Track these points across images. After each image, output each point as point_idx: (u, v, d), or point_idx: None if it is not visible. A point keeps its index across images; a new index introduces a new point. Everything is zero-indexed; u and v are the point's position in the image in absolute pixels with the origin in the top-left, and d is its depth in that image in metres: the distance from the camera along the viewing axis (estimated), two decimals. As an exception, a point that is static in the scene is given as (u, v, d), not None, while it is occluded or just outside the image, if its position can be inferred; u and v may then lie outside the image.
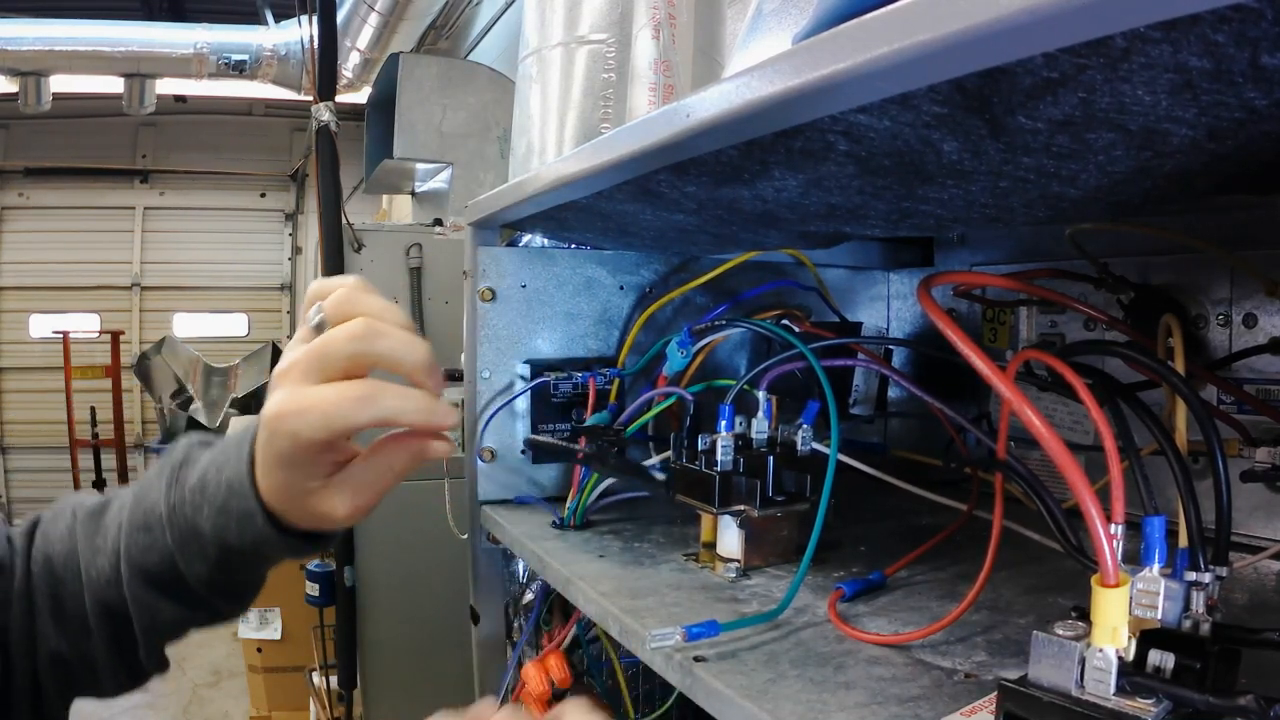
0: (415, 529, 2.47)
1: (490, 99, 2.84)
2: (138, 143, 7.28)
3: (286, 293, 7.63)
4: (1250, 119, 0.32)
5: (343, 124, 2.53)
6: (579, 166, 0.56)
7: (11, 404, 7.10)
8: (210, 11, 5.55)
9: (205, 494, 0.57)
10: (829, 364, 0.65)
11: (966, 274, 0.87)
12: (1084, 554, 0.48)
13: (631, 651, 0.54)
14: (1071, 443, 0.53)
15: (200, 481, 0.57)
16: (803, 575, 0.54)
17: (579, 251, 0.86)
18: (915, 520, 0.77)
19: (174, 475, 0.59)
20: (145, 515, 0.58)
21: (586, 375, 0.81)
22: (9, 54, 4.72)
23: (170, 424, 5.39)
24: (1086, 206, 0.54)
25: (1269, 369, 0.66)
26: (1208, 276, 0.70)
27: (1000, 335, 0.89)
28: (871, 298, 1.04)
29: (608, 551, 0.69)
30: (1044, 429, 0.36)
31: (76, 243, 7.20)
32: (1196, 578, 0.36)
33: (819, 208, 0.56)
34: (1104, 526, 0.33)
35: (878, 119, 0.36)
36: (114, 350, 5.86)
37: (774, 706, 0.41)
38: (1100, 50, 0.27)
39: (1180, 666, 0.33)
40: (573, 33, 0.77)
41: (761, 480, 0.60)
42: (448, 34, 4.36)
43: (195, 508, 0.57)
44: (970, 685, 0.44)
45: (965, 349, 0.41)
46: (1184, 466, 0.42)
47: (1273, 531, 0.66)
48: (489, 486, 0.84)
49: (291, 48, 4.91)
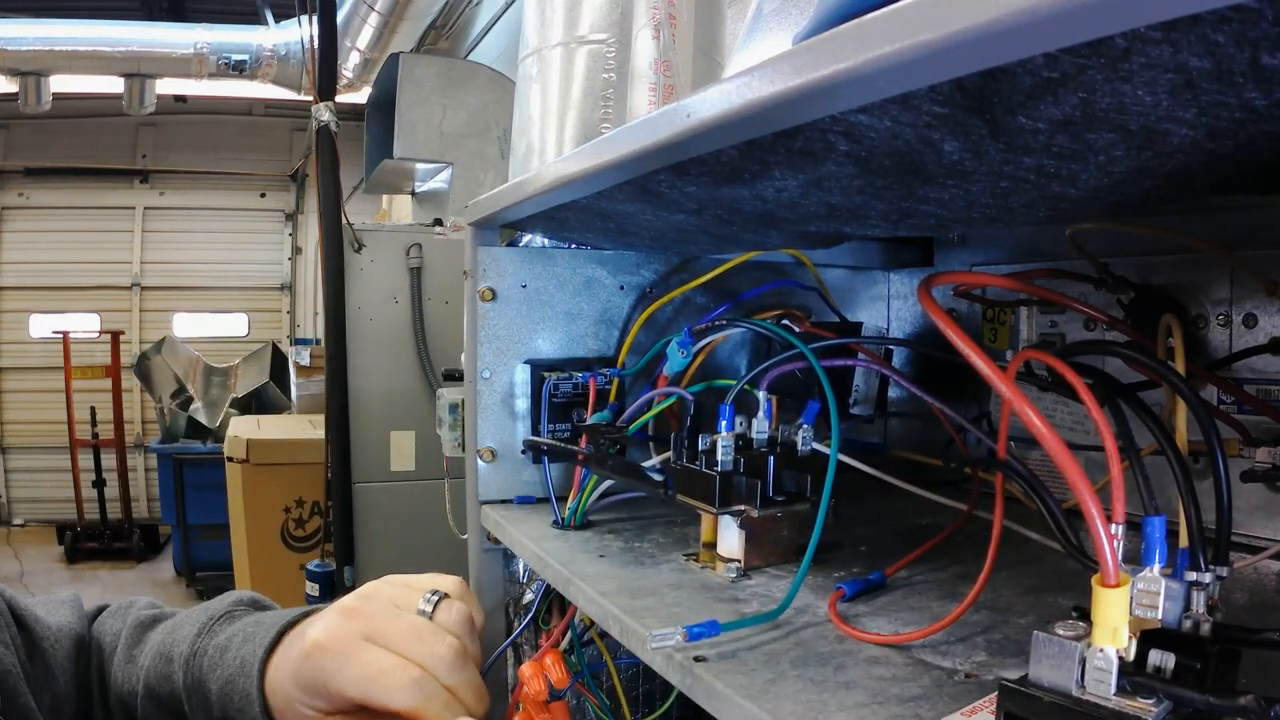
0: (415, 529, 2.48)
1: (490, 99, 2.84)
2: (138, 143, 7.28)
3: (286, 293, 7.62)
4: (1250, 119, 0.32)
5: (343, 124, 2.53)
6: (579, 166, 0.56)
7: (11, 404, 7.09)
8: (210, 11, 5.55)
9: (223, 658, 0.59)
10: (829, 364, 0.65)
11: (966, 274, 0.87)
12: (1084, 554, 0.48)
13: (632, 652, 0.54)
14: (1071, 443, 0.53)
15: (225, 642, 0.59)
16: (803, 575, 0.54)
17: (579, 251, 0.86)
18: (915, 520, 0.77)
19: (210, 623, 0.61)
20: (170, 647, 0.61)
21: (587, 375, 0.81)
22: (9, 54, 4.72)
23: (170, 424, 5.39)
24: (1086, 206, 0.54)
25: (1269, 369, 0.66)
26: (1208, 276, 0.70)
27: (1000, 335, 0.89)
28: (871, 298, 1.04)
29: (608, 551, 0.69)
30: (1044, 429, 0.36)
31: (76, 243, 7.19)
32: (1197, 578, 0.36)
33: (819, 208, 0.56)
34: (1104, 526, 0.33)
35: (878, 119, 0.36)
36: (114, 350, 5.86)
37: (774, 706, 0.41)
38: (1100, 50, 0.27)
39: (1180, 666, 0.33)
40: (573, 33, 0.77)
41: (762, 480, 0.60)
42: (448, 34, 4.36)
43: (211, 666, 0.59)
44: (970, 685, 0.44)
45: (965, 349, 0.41)
46: (1184, 466, 0.42)
47: (1273, 531, 0.66)
48: (489, 486, 0.84)
49: (291, 48, 4.91)
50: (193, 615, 0.63)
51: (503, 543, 0.80)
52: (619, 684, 0.79)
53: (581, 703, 0.81)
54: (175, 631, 0.62)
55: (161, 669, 0.60)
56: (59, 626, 0.62)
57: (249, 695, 0.56)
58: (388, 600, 0.55)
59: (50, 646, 0.61)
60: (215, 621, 0.61)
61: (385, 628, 0.53)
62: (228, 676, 0.57)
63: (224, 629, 0.60)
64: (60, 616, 0.64)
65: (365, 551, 2.48)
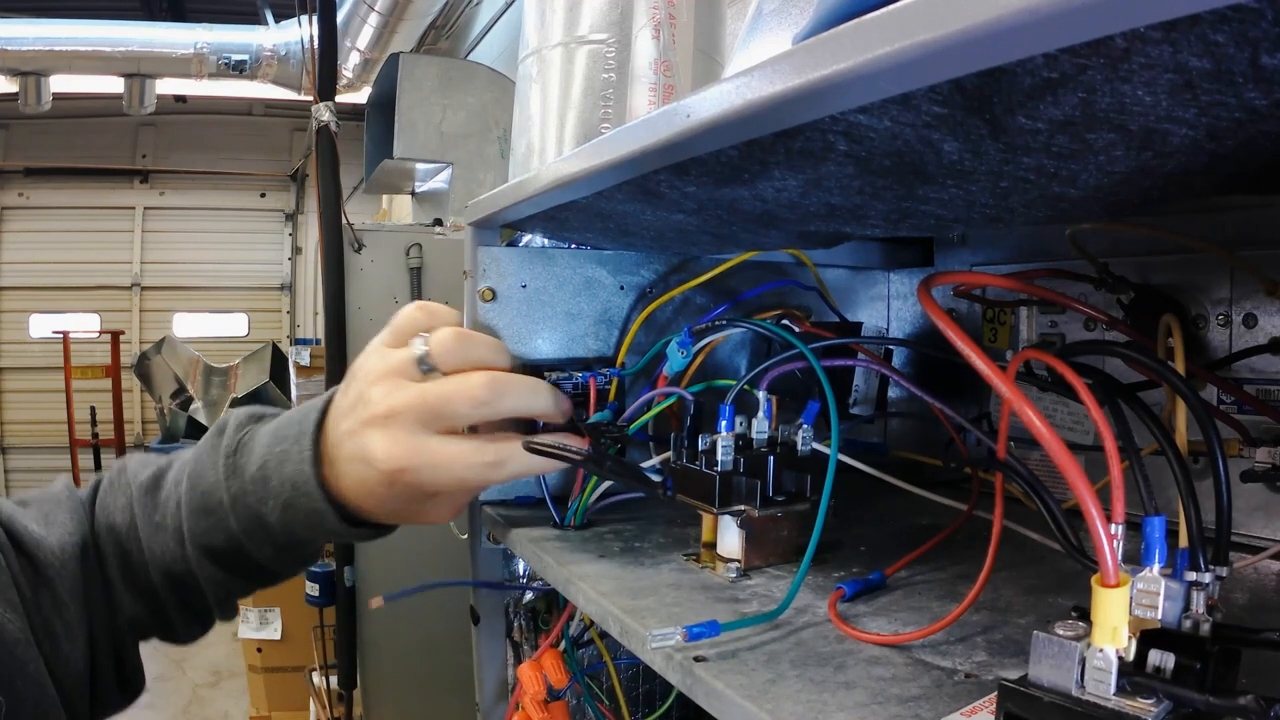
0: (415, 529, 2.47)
1: (490, 99, 2.85)
2: (138, 143, 7.29)
3: (286, 293, 7.63)
4: (1250, 119, 0.32)
5: (343, 124, 2.53)
6: (579, 166, 0.56)
7: (11, 404, 7.10)
8: (210, 11, 5.55)
9: (268, 487, 0.57)
10: (829, 364, 0.65)
11: (966, 274, 0.87)
12: (1084, 554, 0.48)
13: (632, 651, 0.54)
14: (1071, 443, 0.53)
15: (261, 473, 0.58)
16: (803, 575, 0.54)
17: (579, 251, 0.86)
18: (915, 520, 0.77)
19: (230, 463, 0.59)
20: (204, 499, 0.59)
21: (587, 375, 0.81)
22: (9, 54, 4.72)
23: (170, 424, 5.40)
24: (1086, 206, 0.54)
25: (1269, 369, 0.66)
26: (1208, 276, 0.70)
27: (1000, 335, 0.89)
28: (871, 298, 1.04)
29: (608, 551, 0.69)
30: (1044, 429, 0.36)
31: (76, 243, 7.20)
32: (1196, 578, 0.36)
33: (819, 208, 0.56)
34: (1104, 526, 0.33)
35: (878, 119, 0.36)
36: (114, 350, 5.87)
37: (774, 706, 0.41)
38: (1100, 50, 0.27)
39: (1180, 666, 0.33)
40: (573, 33, 0.77)
41: (762, 480, 0.60)
42: (448, 34, 4.36)
43: (259, 499, 0.57)
44: (970, 685, 0.44)
45: (965, 349, 0.41)
46: (1184, 466, 0.42)
47: (1273, 531, 0.66)
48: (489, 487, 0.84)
49: (291, 48, 4.91)
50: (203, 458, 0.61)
51: (503, 543, 0.80)
52: (618, 684, 0.79)
53: (581, 702, 0.81)
54: (198, 483, 0.59)
55: (205, 524, 0.58)
56: (62, 546, 0.59)
57: (317, 511, 0.56)
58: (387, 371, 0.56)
59: (56, 573, 0.57)
60: (234, 457, 0.59)
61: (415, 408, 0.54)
62: (284, 503, 0.56)
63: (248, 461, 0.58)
64: (61, 529, 0.60)
65: (365, 551, 2.47)
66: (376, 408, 0.55)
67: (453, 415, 0.54)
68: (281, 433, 0.59)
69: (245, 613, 3.22)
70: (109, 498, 0.63)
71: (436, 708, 2.37)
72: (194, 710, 3.92)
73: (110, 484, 0.65)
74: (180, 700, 3.98)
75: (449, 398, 0.54)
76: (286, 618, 3.19)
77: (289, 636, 3.19)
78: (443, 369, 0.56)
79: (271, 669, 3.25)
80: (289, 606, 3.11)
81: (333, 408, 0.58)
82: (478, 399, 0.54)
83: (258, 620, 3.22)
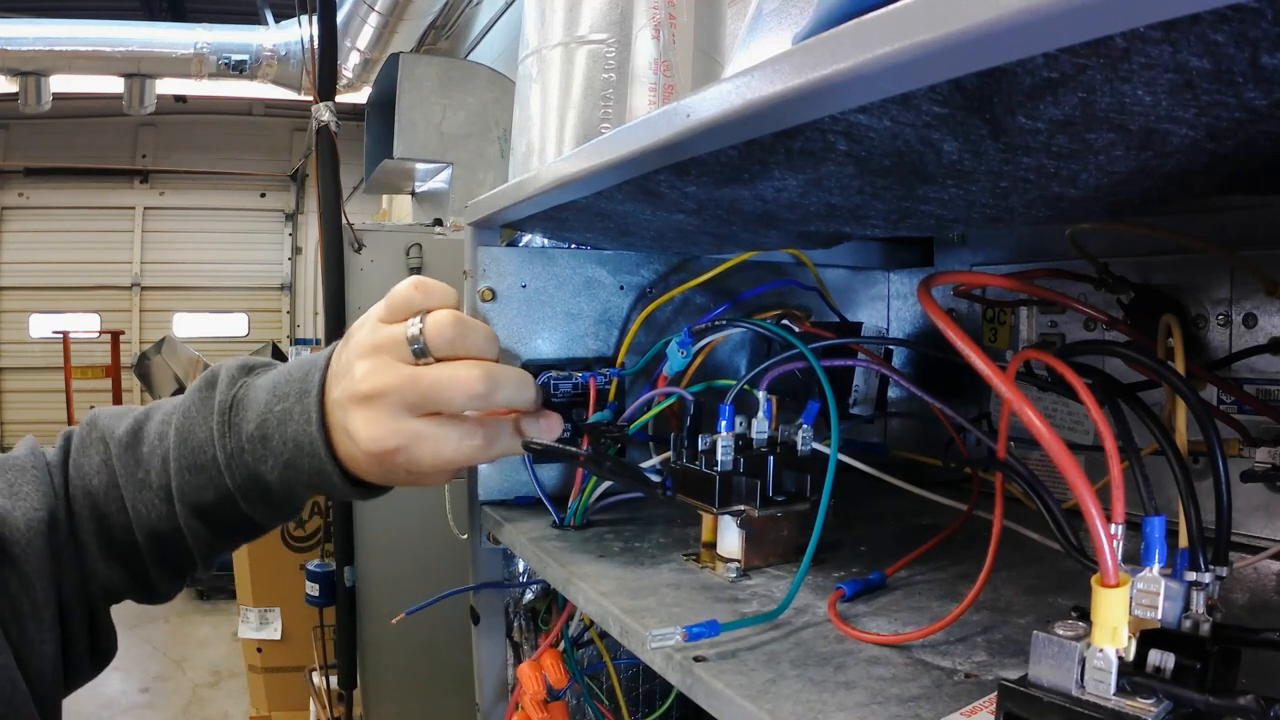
0: (415, 529, 2.47)
1: (490, 99, 2.85)
2: (138, 143, 7.29)
3: (286, 293, 7.63)
4: (1250, 119, 0.32)
5: (343, 124, 2.53)
6: (579, 166, 0.56)
7: (11, 404, 7.10)
8: (210, 11, 5.56)
9: (268, 446, 0.56)
10: (829, 364, 0.65)
11: (966, 274, 0.87)
12: (1084, 554, 0.48)
13: (632, 651, 0.54)
14: (1071, 443, 0.53)
15: (260, 431, 0.56)
16: (803, 575, 0.54)
17: (579, 251, 0.86)
18: (915, 520, 0.77)
19: (225, 419, 0.58)
20: (195, 455, 0.58)
21: (586, 375, 0.81)
22: (9, 54, 4.73)
23: (170, 424, 5.40)
24: (1086, 206, 0.54)
25: (1269, 369, 0.66)
26: (1208, 276, 0.70)
27: (1000, 335, 0.89)
28: (871, 298, 1.04)
29: (608, 551, 0.69)
30: (1044, 429, 0.36)
31: (76, 243, 7.20)
32: (1196, 578, 0.36)
33: (819, 208, 0.56)
34: (1104, 526, 0.33)
35: (878, 119, 0.36)
36: (114, 350, 5.87)
37: (774, 706, 0.41)
38: (1100, 50, 0.27)
39: (1180, 666, 0.33)
40: (573, 33, 0.76)
41: (761, 480, 0.60)
42: (448, 34, 4.36)
43: (258, 458, 0.57)
44: (970, 685, 0.44)
45: (965, 349, 0.41)
46: (1184, 466, 0.42)
47: (1273, 531, 0.66)
48: (489, 486, 0.84)
49: (291, 48, 4.91)
50: (191, 412, 0.58)
51: (503, 543, 0.80)
52: (618, 684, 0.79)
53: (581, 702, 0.81)
54: (188, 438, 0.58)
55: (197, 481, 0.57)
56: (29, 522, 0.55)
57: (322, 472, 0.55)
58: (380, 345, 0.55)
59: (22, 551, 0.54)
60: (229, 414, 0.58)
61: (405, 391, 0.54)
62: (285, 462, 0.56)
63: (245, 418, 0.57)
64: (27, 503, 0.56)
65: (365, 551, 2.47)
66: (360, 385, 0.54)
67: (447, 403, 0.54)
68: (280, 390, 0.57)
69: (245, 613, 3.22)
70: (82, 457, 0.60)
71: (436, 707, 2.37)
72: (194, 710, 3.92)
73: (82, 440, 0.61)
74: (180, 700, 3.98)
75: (444, 386, 0.54)
76: (286, 618, 3.19)
77: (289, 636, 3.19)
78: (435, 354, 0.55)
79: (271, 669, 3.24)
80: (289, 606, 3.11)
81: (330, 369, 0.57)
82: (474, 392, 0.54)
83: (258, 620, 3.22)
